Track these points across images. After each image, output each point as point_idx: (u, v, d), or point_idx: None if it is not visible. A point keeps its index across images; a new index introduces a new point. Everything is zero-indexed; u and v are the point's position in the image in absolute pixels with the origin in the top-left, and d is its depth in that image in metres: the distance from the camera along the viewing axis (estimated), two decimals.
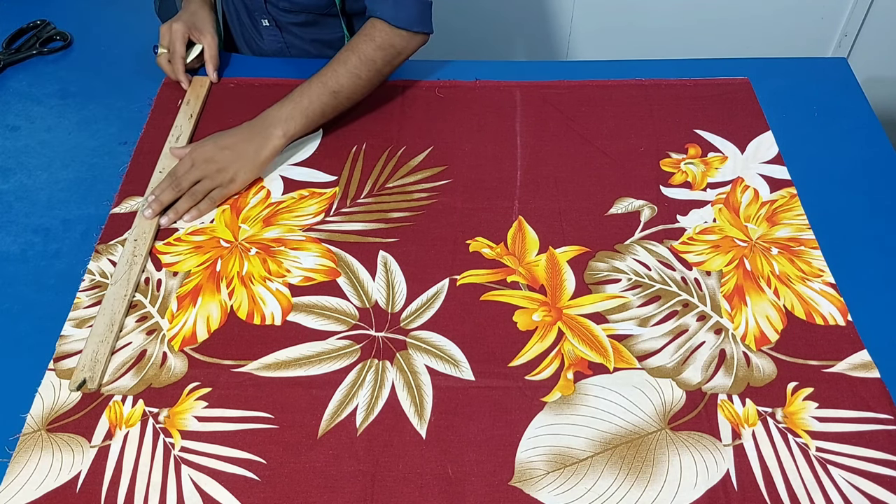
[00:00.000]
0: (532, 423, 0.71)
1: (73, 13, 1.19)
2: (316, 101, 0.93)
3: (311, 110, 0.93)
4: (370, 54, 0.95)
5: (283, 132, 0.92)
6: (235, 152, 0.90)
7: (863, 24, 1.82)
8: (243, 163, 0.90)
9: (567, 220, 0.88)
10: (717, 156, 0.96)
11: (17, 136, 1.00)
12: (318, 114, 0.94)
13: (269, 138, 0.91)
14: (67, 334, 0.78)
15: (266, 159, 0.92)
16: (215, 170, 0.89)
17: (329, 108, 0.95)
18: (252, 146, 0.91)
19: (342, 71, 0.95)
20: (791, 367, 0.74)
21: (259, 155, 0.91)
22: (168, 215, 0.88)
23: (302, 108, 0.93)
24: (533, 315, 0.79)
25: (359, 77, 0.95)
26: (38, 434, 0.70)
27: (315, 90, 0.94)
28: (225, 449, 0.69)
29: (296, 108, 0.93)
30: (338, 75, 0.95)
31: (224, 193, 0.90)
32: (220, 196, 0.90)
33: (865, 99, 1.02)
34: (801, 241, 0.86)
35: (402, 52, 0.98)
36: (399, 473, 0.67)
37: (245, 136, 0.92)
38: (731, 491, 0.66)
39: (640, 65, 1.08)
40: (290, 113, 0.93)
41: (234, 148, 0.91)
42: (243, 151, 0.91)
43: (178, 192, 0.89)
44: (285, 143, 0.93)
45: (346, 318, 0.79)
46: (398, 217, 0.89)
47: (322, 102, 0.94)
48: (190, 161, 0.90)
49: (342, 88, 0.95)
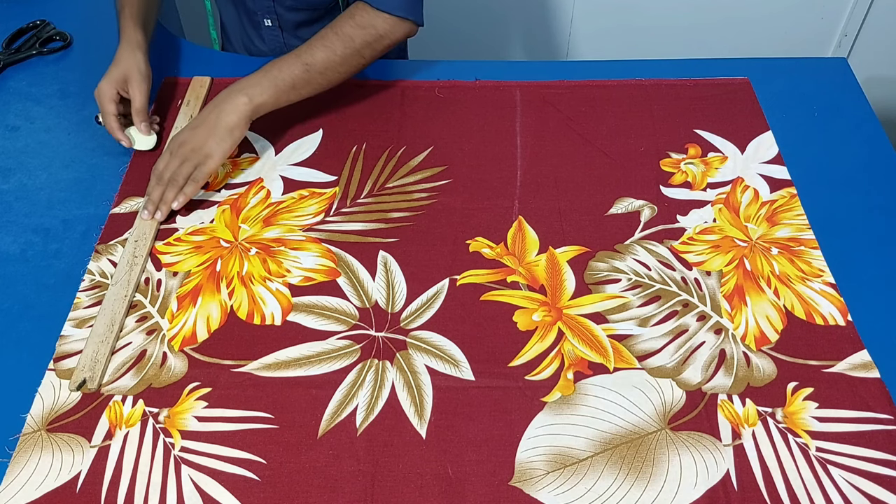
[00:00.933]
0: (532, 423, 0.71)
1: (73, 13, 1.19)
2: (286, 70, 0.92)
3: (279, 79, 0.92)
4: (348, 31, 0.94)
5: (249, 97, 0.91)
6: (205, 127, 0.90)
7: (863, 24, 1.82)
8: (213, 135, 0.90)
9: (567, 220, 0.88)
10: (717, 156, 0.96)
11: (17, 136, 1.00)
12: (287, 84, 0.93)
13: (233, 103, 0.91)
14: (67, 334, 0.78)
15: (234, 125, 0.90)
16: (190, 150, 0.89)
17: (300, 81, 0.93)
18: (217, 114, 0.90)
19: (317, 45, 0.94)
20: (791, 367, 0.74)
21: (225, 122, 0.90)
22: (160, 209, 0.88)
23: (270, 77, 0.92)
24: (533, 315, 0.79)
25: (333, 52, 0.94)
26: (38, 434, 0.70)
27: (287, 61, 0.93)
28: (225, 449, 0.69)
29: (264, 75, 0.92)
30: (312, 48, 0.94)
31: (205, 171, 0.89)
32: (203, 174, 0.89)
33: (865, 99, 1.02)
34: (801, 241, 0.86)
35: (385, 35, 0.96)
36: (399, 473, 0.67)
37: (211, 108, 0.92)
38: (731, 491, 0.66)
39: (640, 65, 1.08)
40: (257, 80, 0.92)
41: (203, 124, 0.91)
42: (212, 123, 0.90)
43: (162, 185, 0.89)
44: (252, 108, 0.91)
45: (346, 318, 0.79)
46: (398, 217, 0.89)
47: (292, 73, 0.92)
48: (168, 152, 0.91)
49: (315, 62, 0.93)
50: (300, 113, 1.01)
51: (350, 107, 1.02)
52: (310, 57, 0.93)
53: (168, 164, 0.90)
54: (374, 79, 1.06)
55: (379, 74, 1.07)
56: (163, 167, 0.90)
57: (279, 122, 1.01)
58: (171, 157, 0.90)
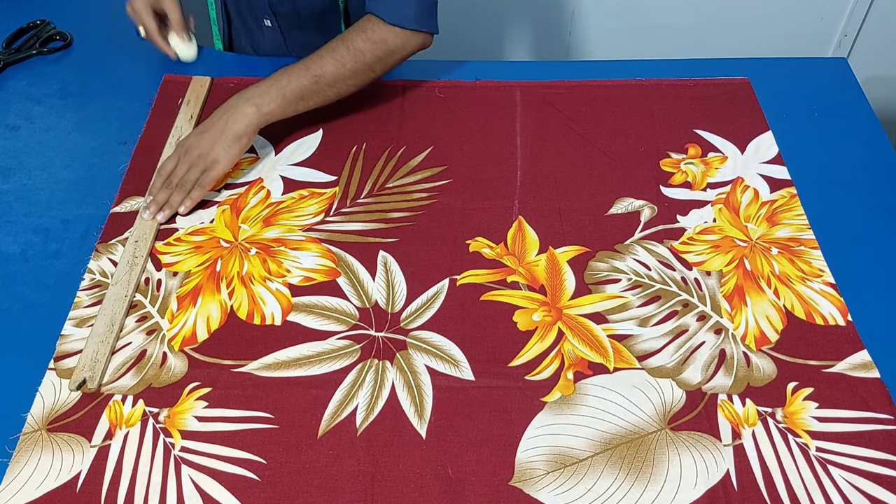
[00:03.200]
0: (532, 423, 0.71)
1: (73, 13, 1.19)
2: (295, 81, 0.93)
3: (288, 90, 0.92)
4: (359, 45, 0.94)
5: (257, 106, 0.91)
6: (212, 133, 0.91)
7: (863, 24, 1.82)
8: (221, 141, 0.90)
9: (567, 220, 0.88)
10: (717, 156, 0.96)
11: (17, 136, 1.00)
12: (296, 95, 0.93)
13: (242, 111, 0.91)
14: (68, 334, 0.78)
15: (242, 133, 0.91)
16: (197, 155, 0.90)
17: (308, 92, 0.94)
18: (225, 120, 0.91)
19: (328, 57, 0.94)
20: (791, 367, 0.74)
21: (233, 129, 0.91)
22: (164, 211, 0.88)
23: (280, 86, 0.92)
24: (533, 315, 0.79)
25: (343, 66, 0.94)
26: (38, 434, 0.70)
27: (296, 71, 0.93)
28: (225, 449, 0.69)
29: (273, 84, 0.93)
30: (322, 60, 0.94)
31: (212, 176, 0.90)
32: (209, 180, 0.90)
33: (865, 99, 1.02)
34: (801, 241, 0.86)
35: (397, 50, 0.96)
36: (399, 473, 0.67)
37: (219, 115, 0.92)
38: (731, 491, 0.66)
39: (640, 65, 1.08)
40: (266, 89, 0.92)
41: (211, 130, 0.91)
42: (219, 129, 0.91)
43: (170, 188, 0.89)
44: (260, 117, 0.92)
45: (346, 318, 0.79)
46: (398, 217, 0.89)
47: (301, 84, 0.93)
48: (175, 157, 0.91)
49: (324, 74, 0.94)
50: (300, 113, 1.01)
51: (350, 107, 1.02)
52: (319, 69, 0.93)
53: (176, 169, 0.90)
54: None
55: None
56: (170, 171, 0.90)
57: (279, 122, 1.00)
58: (180, 162, 0.90)
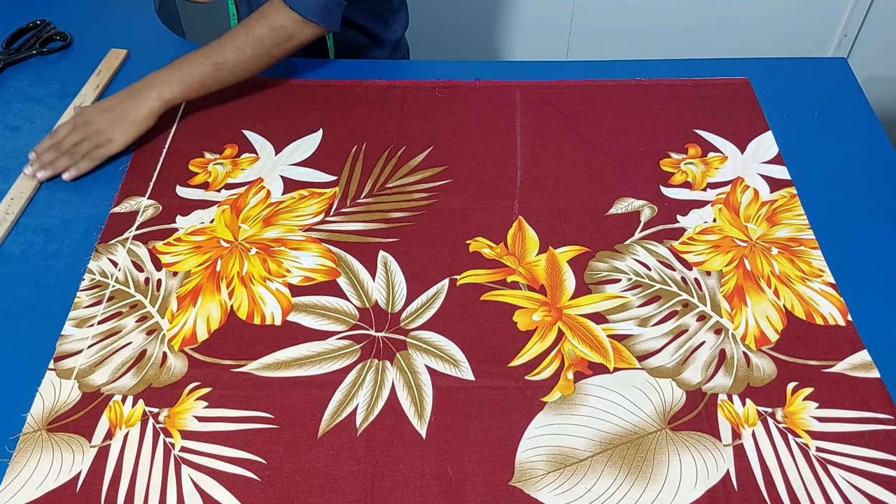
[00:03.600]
0: (532, 423, 0.71)
1: (73, 13, 1.19)
2: (196, 70, 0.96)
3: (190, 77, 0.96)
4: (259, 32, 0.96)
5: (160, 95, 0.95)
6: (114, 114, 0.95)
7: (863, 24, 1.82)
8: (120, 123, 0.94)
9: (567, 220, 0.88)
10: (717, 156, 0.96)
11: (17, 136, 1.00)
12: (197, 82, 0.96)
13: (146, 99, 0.95)
14: (67, 334, 0.78)
15: (142, 119, 0.95)
16: (93, 131, 0.94)
17: (209, 79, 0.97)
18: (128, 106, 0.95)
19: (228, 45, 0.97)
20: (791, 367, 0.74)
21: (134, 115, 0.94)
22: (46, 171, 0.92)
23: (181, 75, 0.96)
24: (533, 315, 0.79)
25: (243, 52, 0.97)
26: (38, 434, 0.70)
27: (197, 59, 0.97)
28: (225, 449, 0.69)
29: (175, 73, 0.96)
30: (223, 48, 0.97)
31: (103, 153, 0.94)
32: (100, 156, 0.94)
33: (865, 99, 1.02)
34: (801, 241, 0.86)
35: (294, 36, 0.98)
36: (399, 473, 0.67)
37: (123, 98, 0.96)
38: (731, 491, 0.66)
39: (640, 65, 1.08)
40: (168, 77, 0.96)
41: (113, 110, 0.95)
42: (121, 112, 0.95)
43: (58, 152, 0.93)
44: (162, 105, 0.96)
45: (346, 318, 0.79)
46: (398, 217, 0.89)
47: (202, 72, 0.96)
48: (72, 124, 0.95)
49: (225, 62, 0.97)
50: (300, 113, 1.01)
51: (350, 107, 1.02)
52: (220, 57, 0.97)
53: (69, 135, 0.94)
54: (374, 79, 1.06)
55: (379, 74, 1.07)
56: (63, 136, 0.94)
57: (279, 122, 1.01)
58: (74, 131, 0.94)
